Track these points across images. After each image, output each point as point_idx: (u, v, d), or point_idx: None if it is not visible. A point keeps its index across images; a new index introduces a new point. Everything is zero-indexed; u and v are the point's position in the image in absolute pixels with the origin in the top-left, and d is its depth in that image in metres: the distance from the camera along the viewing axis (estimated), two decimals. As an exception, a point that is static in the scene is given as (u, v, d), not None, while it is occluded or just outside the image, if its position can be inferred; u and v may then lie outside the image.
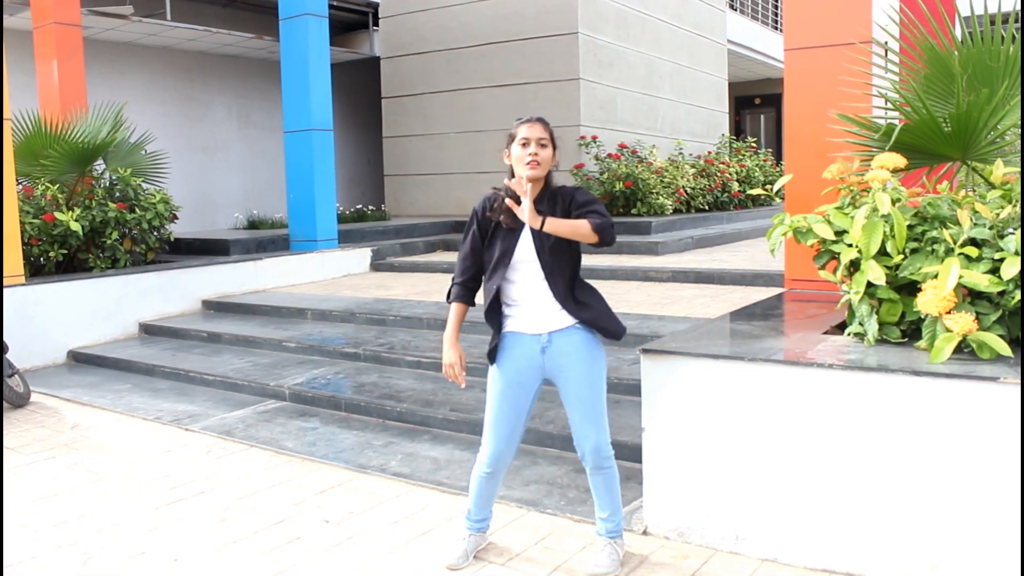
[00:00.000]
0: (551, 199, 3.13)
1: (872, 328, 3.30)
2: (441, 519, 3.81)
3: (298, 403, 5.81)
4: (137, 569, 3.42)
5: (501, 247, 3.14)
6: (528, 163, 3.05)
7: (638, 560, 3.31)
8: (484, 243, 3.20)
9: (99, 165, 9.07)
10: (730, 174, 14.21)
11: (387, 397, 5.48)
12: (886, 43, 4.16)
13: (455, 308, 3.27)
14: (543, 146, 3.08)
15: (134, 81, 12.75)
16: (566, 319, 3.11)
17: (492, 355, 3.22)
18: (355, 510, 3.97)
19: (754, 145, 17.15)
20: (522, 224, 3.09)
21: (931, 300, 3.03)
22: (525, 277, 3.12)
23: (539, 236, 3.07)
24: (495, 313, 3.20)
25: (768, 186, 3.80)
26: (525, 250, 3.10)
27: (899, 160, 3.42)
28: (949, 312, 3.03)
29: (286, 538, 3.67)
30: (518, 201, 3.05)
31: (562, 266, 3.10)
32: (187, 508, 4.08)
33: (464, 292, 3.25)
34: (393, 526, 3.76)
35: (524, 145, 3.08)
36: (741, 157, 16.02)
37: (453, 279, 3.29)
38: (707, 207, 13.49)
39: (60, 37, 9.60)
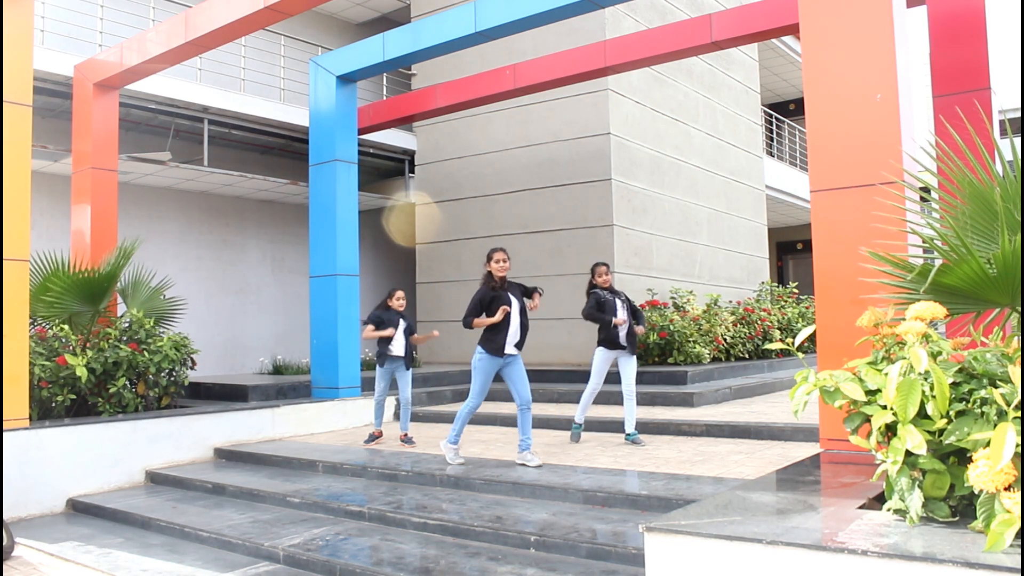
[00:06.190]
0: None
1: (915, 504, 2.81)
2: None
3: (291, 566, 5.33)
4: None
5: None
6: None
7: None
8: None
9: (121, 307, 8.97)
10: (771, 322, 13.74)
11: (385, 563, 5.00)
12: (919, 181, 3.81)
13: None
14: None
15: (171, 224, 12.91)
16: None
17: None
18: None
19: (796, 292, 16.73)
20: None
21: (985, 474, 2.56)
22: None
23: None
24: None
25: (790, 339, 3.42)
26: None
27: (937, 310, 3.01)
28: (1008, 488, 2.55)
29: None
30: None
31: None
32: None
33: None
34: None
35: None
36: (783, 304, 15.58)
37: None
38: (747, 355, 12.98)
39: (96, 181, 9.73)
